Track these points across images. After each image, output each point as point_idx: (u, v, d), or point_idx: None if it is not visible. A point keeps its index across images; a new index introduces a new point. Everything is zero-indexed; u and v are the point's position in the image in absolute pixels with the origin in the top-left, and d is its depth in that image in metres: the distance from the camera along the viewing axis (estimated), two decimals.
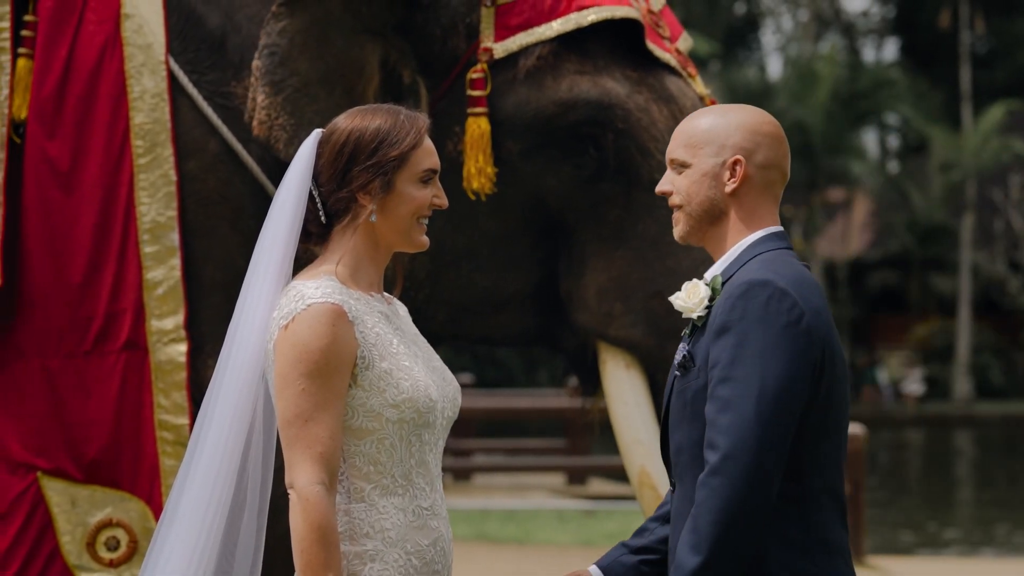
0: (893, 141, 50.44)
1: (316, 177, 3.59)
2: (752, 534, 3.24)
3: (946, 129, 41.32)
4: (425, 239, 3.64)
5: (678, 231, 3.55)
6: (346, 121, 3.60)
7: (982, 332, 41.55)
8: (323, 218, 3.59)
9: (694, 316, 3.42)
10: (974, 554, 16.79)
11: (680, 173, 3.51)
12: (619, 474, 12.61)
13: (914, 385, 40.24)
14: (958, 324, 40.93)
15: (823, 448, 3.37)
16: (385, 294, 3.72)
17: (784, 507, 3.32)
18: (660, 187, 3.58)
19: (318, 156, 3.60)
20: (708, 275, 3.47)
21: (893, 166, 48.70)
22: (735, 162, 3.45)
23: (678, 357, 3.43)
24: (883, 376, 41.05)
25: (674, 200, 3.53)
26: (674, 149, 3.53)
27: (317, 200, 3.58)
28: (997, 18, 45.93)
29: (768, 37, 54.37)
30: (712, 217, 3.48)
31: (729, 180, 3.45)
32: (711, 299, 3.41)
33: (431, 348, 3.74)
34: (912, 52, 48.95)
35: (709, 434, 3.27)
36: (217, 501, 3.58)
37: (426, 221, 3.62)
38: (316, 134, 3.63)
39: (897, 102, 41.52)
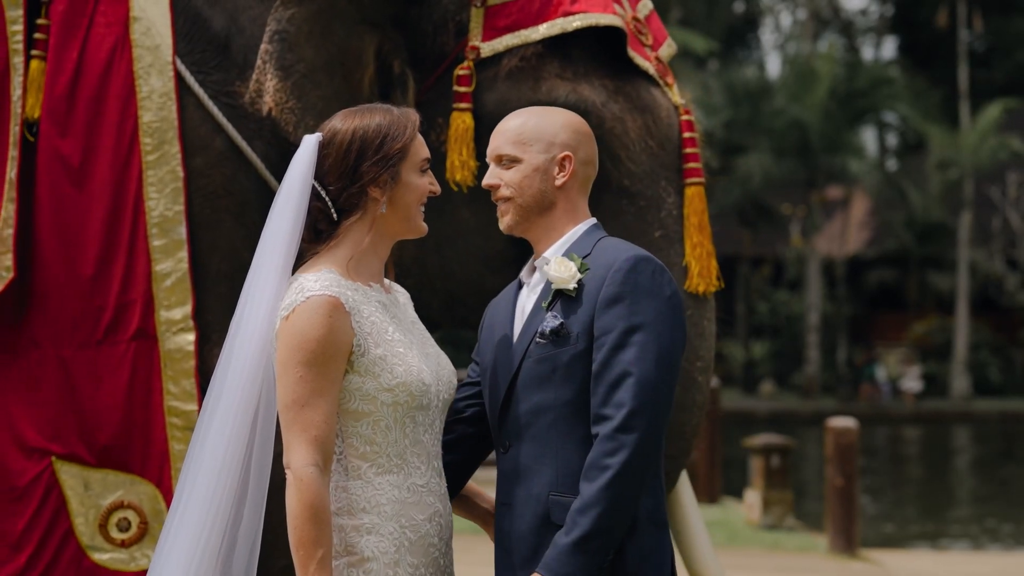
0: (891, 139, 50.39)
1: (323, 178, 3.78)
2: (645, 482, 3.58)
3: (944, 127, 41.25)
4: (424, 224, 3.85)
5: (506, 222, 3.83)
6: (346, 122, 3.79)
7: (980, 330, 41.51)
8: (334, 215, 3.77)
9: (569, 287, 3.69)
10: (969, 548, 16.88)
11: (509, 168, 3.80)
12: None
13: (912, 382, 40.18)
14: (956, 322, 40.89)
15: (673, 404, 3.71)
16: (386, 282, 3.90)
17: None
18: (487, 181, 3.85)
19: (323, 158, 3.78)
20: (551, 255, 3.76)
21: (891, 164, 48.63)
22: (564, 158, 3.78)
23: (549, 325, 3.68)
24: (881, 373, 40.97)
25: (503, 193, 3.81)
26: (502, 146, 3.81)
27: (326, 199, 3.77)
28: (995, 17, 45.93)
29: (767, 36, 54.43)
30: (541, 208, 3.79)
31: (559, 174, 3.77)
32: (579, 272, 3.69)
33: (427, 334, 3.93)
34: (910, 51, 48.95)
35: (611, 394, 3.57)
36: (224, 487, 3.77)
37: (423, 208, 3.83)
38: (314, 138, 3.82)
39: (895, 100, 41.41)
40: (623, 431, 3.54)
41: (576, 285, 3.69)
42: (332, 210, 3.77)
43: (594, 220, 3.85)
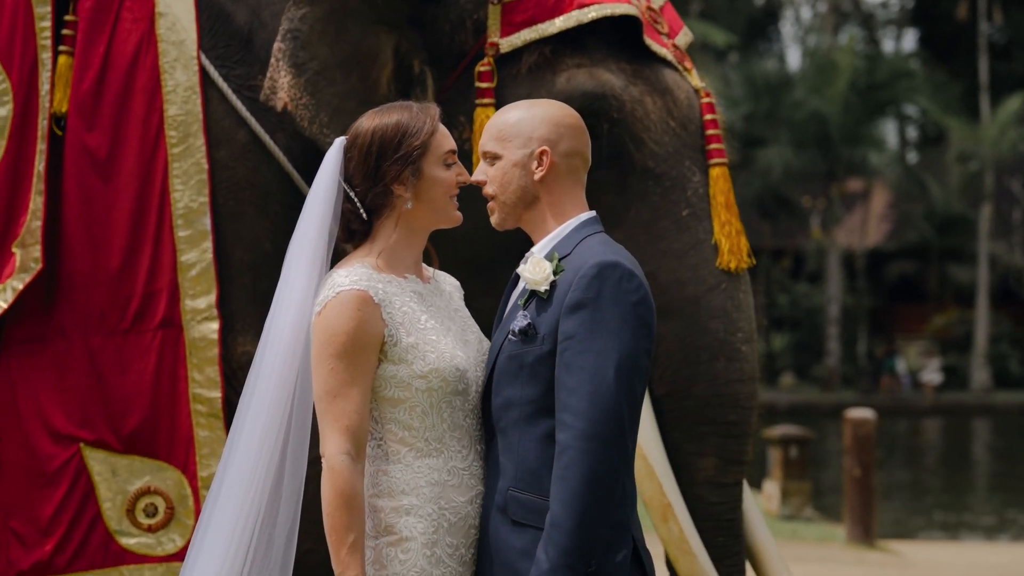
0: (911, 132, 50.37)
1: (350, 180, 3.87)
2: (617, 488, 3.60)
3: (964, 120, 41.21)
4: (459, 214, 3.93)
5: (495, 219, 3.88)
6: (366, 123, 3.88)
7: (1000, 322, 41.48)
8: (364, 215, 3.87)
9: (541, 289, 3.72)
10: (987, 539, 16.91)
11: (492, 164, 3.84)
12: None
13: (932, 374, 40.16)
14: (976, 314, 40.87)
15: (640, 410, 3.72)
16: (428, 271, 4.00)
17: None
18: (475, 177, 3.90)
19: (348, 160, 3.87)
20: (538, 251, 3.80)
21: (911, 157, 48.60)
22: (542, 152, 3.79)
23: (519, 324, 3.72)
24: (901, 366, 40.96)
25: (487, 190, 3.86)
26: (486, 142, 3.85)
27: (355, 200, 3.86)
28: (1015, 9, 45.82)
29: (787, 28, 54.31)
30: (526, 203, 3.82)
31: (537, 169, 3.79)
32: (554, 274, 3.71)
33: (470, 321, 4.01)
34: (930, 43, 48.86)
35: (571, 400, 3.59)
36: (258, 482, 3.86)
37: (456, 198, 3.91)
38: (340, 142, 3.91)
39: (915, 93, 41.40)
40: (582, 439, 3.56)
41: (548, 287, 3.71)
42: (361, 210, 3.87)
43: (588, 215, 3.85)
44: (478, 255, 5.20)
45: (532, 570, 3.59)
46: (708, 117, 5.43)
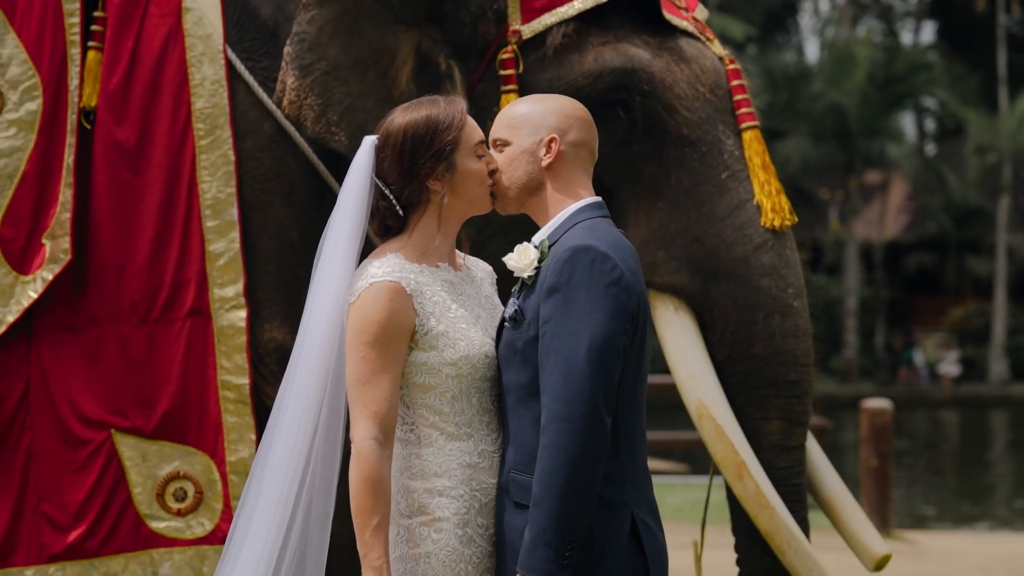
0: (930, 124, 50.16)
1: (384, 177, 3.95)
2: (596, 467, 3.65)
3: (982, 112, 41.05)
4: (491, 201, 4.00)
5: (497, 203, 3.97)
6: (397, 121, 3.95)
7: (1018, 314, 41.32)
8: (400, 211, 3.96)
9: (524, 276, 3.82)
10: (1003, 529, 16.91)
11: (502, 151, 3.94)
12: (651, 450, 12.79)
13: (950, 366, 40.06)
14: (994, 306, 40.76)
15: (636, 391, 3.81)
16: (460, 259, 4.09)
17: None
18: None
19: (382, 159, 3.95)
20: (536, 239, 3.88)
21: (930, 149, 48.42)
22: (551, 140, 3.89)
23: (509, 311, 3.83)
24: (919, 358, 40.85)
25: (495, 176, 3.94)
26: (497, 130, 3.95)
27: (391, 197, 3.95)
28: None
29: (805, 20, 54.25)
30: (530, 189, 3.91)
31: (545, 156, 3.89)
32: (540, 260, 3.81)
33: (498, 309, 4.08)
34: (949, 35, 48.68)
35: (548, 382, 3.67)
36: (295, 472, 3.95)
37: (491, 185, 3.98)
38: (370, 140, 3.99)
39: (934, 85, 41.24)
40: (556, 420, 3.64)
41: (533, 273, 3.81)
42: (398, 207, 3.95)
43: (588, 201, 3.93)
44: (524, 237, 5.32)
45: (520, 550, 3.69)
46: (735, 83, 5.51)
